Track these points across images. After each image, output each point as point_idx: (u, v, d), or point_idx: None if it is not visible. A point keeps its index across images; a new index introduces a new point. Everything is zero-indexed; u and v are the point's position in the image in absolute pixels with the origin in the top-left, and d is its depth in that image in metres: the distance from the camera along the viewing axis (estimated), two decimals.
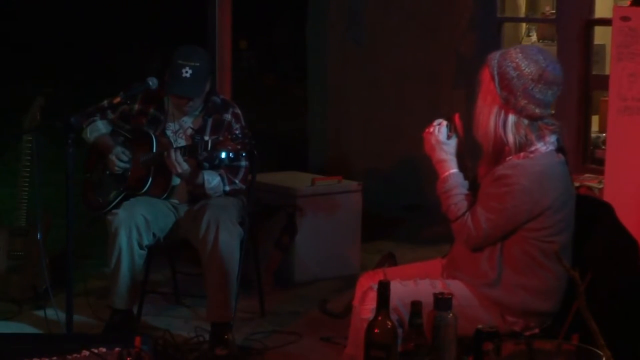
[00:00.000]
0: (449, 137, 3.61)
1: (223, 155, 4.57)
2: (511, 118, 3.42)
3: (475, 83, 3.53)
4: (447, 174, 3.58)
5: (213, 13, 6.49)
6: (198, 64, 4.83)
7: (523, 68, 3.39)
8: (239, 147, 4.52)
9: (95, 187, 5.10)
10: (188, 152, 4.71)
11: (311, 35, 8.48)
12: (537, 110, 3.42)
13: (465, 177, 3.60)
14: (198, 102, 4.95)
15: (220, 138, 4.61)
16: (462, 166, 3.61)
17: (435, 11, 7.49)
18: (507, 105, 3.41)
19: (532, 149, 3.41)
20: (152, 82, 4.54)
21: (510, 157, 3.43)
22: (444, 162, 3.59)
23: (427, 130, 3.64)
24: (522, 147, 3.42)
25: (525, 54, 3.42)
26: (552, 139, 3.46)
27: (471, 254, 3.54)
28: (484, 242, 3.49)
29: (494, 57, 3.46)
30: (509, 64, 3.41)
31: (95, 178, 5.11)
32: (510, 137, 3.41)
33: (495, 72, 3.42)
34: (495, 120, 3.43)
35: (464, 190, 3.56)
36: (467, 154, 3.65)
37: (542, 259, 3.45)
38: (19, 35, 16.74)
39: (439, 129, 3.62)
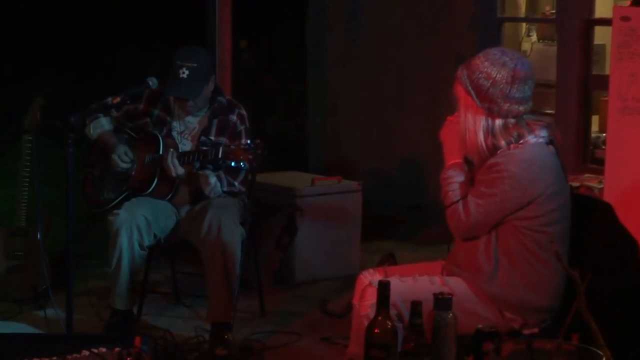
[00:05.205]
0: None
1: (233, 164, 4.56)
2: (498, 123, 3.49)
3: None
4: (454, 162, 3.61)
5: (213, 13, 6.49)
6: (195, 65, 4.81)
7: (494, 75, 3.45)
8: (250, 157, 4.50)
9: (96, 183, 5.08)
10: (197, 158, 4.70)
11: (311, 35, 8.48)
12: (521, 108, 3.49)
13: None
14: (200, 102, 4.93)
15: (232, 147, 4.58)
16: (469, 161, 3.64)
17: (435, 11, 7.49)
18: (491, 114, 3.47)
19: (522, 140, 3.46)
20: (152, 82, 4.54)
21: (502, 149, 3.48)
22: (456, 151, 3.61)
23: (450, 117, 3.66)
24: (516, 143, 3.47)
25: (491, 61, 3.47)
26: (542, 133, 3.52)
27: (469, 247, 3.56)
28: (473, 230, 3.52)
29: (462, 72, 3.52)
30: (479, 75, 3.47)
31: (97, 174, 5.09)
32: (502, 142, 3.47)
33: (470, 87, 3.48)
34: (484, 131, 3.49)
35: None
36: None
37: (537, 251, 3.48)
38: (19, 35, 16.73)
39: None
